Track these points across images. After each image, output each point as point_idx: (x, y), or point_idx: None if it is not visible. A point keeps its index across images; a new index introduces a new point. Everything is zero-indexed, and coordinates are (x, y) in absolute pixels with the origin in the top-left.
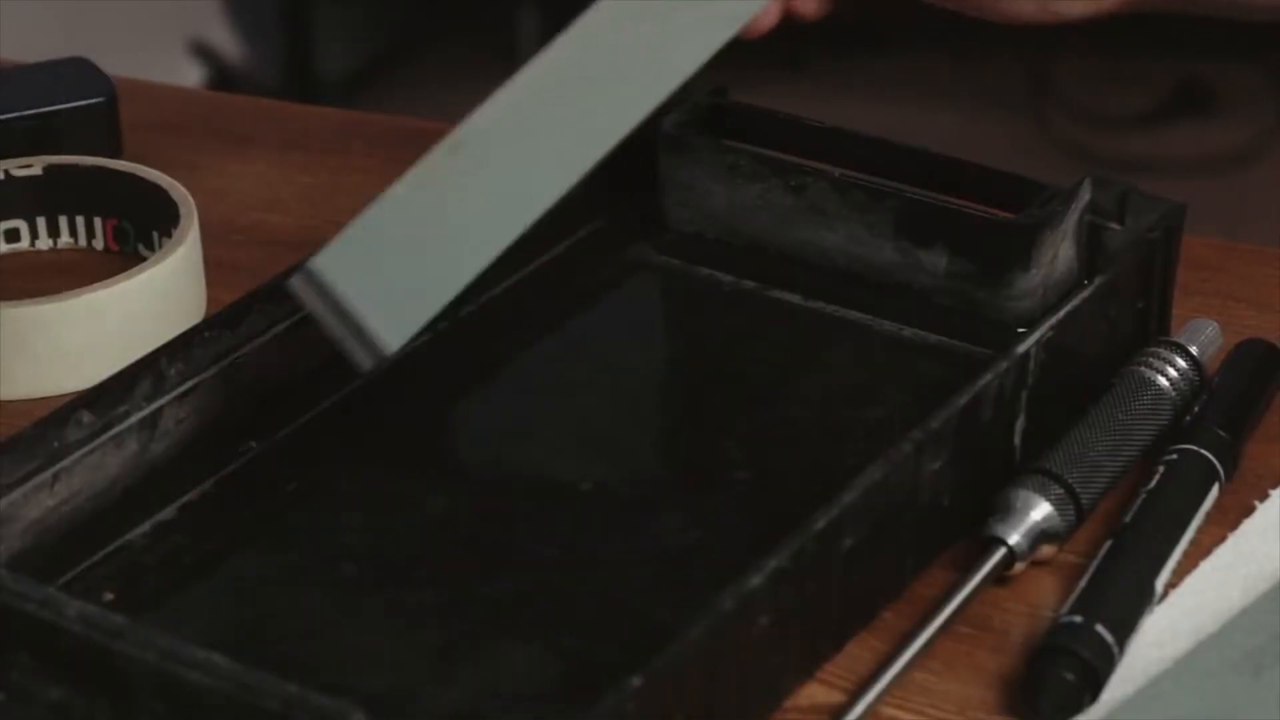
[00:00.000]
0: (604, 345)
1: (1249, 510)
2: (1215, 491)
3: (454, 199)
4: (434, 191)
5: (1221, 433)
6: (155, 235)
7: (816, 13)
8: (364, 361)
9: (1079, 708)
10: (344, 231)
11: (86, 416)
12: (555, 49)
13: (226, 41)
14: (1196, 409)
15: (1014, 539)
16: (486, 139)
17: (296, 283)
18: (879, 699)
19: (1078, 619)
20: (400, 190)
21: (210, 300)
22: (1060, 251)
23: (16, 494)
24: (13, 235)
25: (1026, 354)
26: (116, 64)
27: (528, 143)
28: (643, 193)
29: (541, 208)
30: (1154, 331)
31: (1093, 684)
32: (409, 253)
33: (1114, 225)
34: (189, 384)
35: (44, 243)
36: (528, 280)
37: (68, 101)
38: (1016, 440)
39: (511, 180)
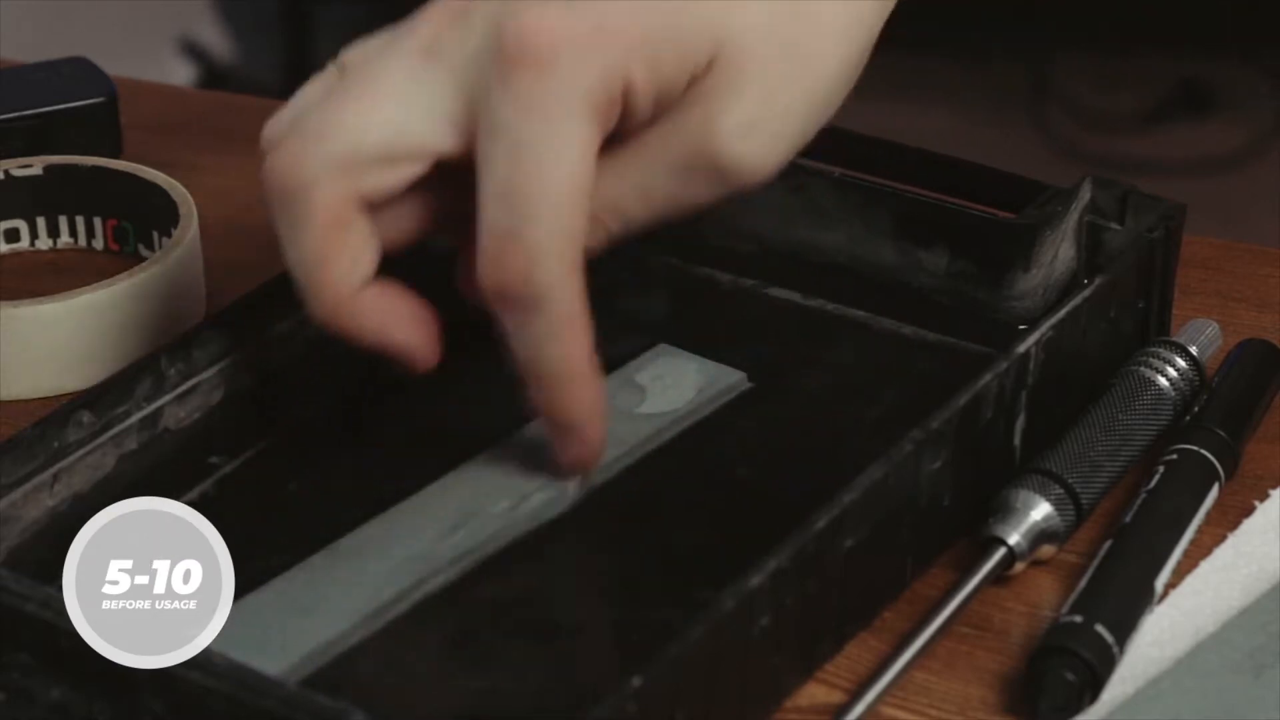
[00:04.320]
0: (602, 345)
1: (1249, 510)
2: (1215, 491)
3: None
4: None
5: (1221, 433)
6: (155, 235)
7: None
8: None
9: (1079, 708)
10: None
11: (86, 416)
12: None
13: (225, 41)
14: (1196, 409)
15: (1014, 539)
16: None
17: None
18: (879, 699)
19: (1078, 619)
20: None
21: (210, 300)
22: (1060, 251)
23: (16, 494)
24: (13, 235)
25: (1026, 354)
26: (115, 64)
27: None
28: None
29: None
30: (1154, 331)
31: (1093, 684)
32: None
33: (1114, 225)
34: (189, 384)
35: (44, 243)
36: None
37: (68, 101)
38: (1016, 440)
39: None
